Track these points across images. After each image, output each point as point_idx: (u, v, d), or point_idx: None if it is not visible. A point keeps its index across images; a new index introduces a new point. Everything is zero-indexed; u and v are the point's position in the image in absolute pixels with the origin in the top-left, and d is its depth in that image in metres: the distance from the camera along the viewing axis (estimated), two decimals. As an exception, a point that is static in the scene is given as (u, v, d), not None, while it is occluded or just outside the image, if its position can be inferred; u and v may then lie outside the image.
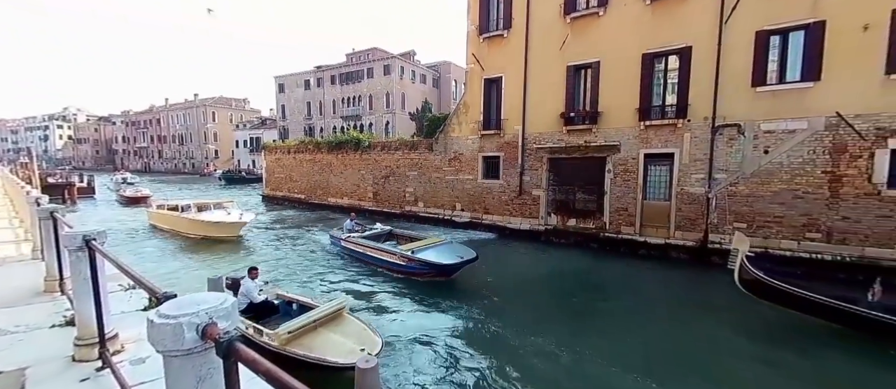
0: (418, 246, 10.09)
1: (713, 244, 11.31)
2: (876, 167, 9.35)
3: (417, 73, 42.74)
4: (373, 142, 20.79)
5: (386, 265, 10.42)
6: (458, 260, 9.31)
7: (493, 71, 15.43)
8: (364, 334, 5.62)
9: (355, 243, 11.46)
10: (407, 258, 9.64)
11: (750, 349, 6.48)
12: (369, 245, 11.05)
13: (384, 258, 10.36)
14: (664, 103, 12.13)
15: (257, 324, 5.83)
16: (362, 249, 11.17)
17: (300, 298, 6.88)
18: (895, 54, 9.04)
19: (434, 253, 9.70)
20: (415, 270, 9.69)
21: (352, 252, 11.67)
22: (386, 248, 10.55)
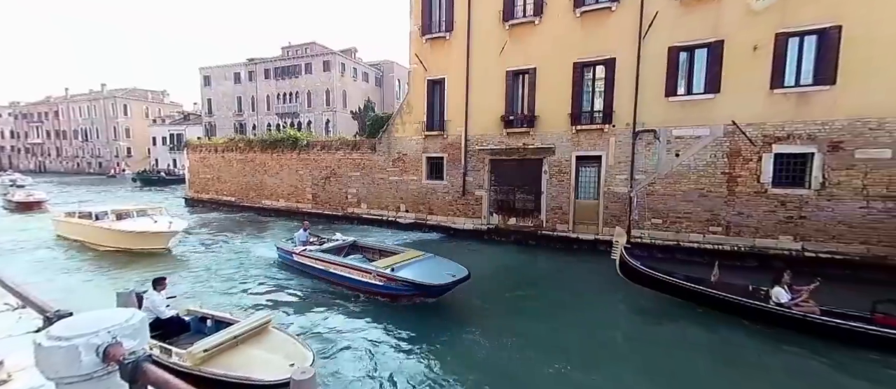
0: (397, 262, 8.58)
1: (635, 238, 12.41)
2: (763, 169, 10.90)
3: (359, 71, 41.71)
4: (312, 141, 19.87)
5: (355, 285, 8.79)
6: (449, 280, 7.80)
7: (437, 72, 15.52)
8: (293, 348, 5.25)
9: (313, 258, 9.82)
10: (386, 277, 8.11)
11: (635, 323, 8.13)
12: (333, 261, 9.44)
13: (353, 276, 8.75)
14: (593, 109, 13.07)
15: (165, 344, 5.18)
16: (324, 265, 9.53)
17: (216, 313, 6.19)
18: (778, 72, 10.61)
19: (418, 270, 8.26)
20: (396, 291, 8.17)
21: (308, 268, 9.96)
22: (357, 265, 8.92)
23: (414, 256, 9.16)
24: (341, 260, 9.55)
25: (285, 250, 10.85)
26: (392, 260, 8.82)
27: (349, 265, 9.09)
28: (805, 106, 10.32)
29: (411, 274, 8.03)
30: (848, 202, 10.05)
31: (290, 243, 11.14)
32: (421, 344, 6.79)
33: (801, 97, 10.36)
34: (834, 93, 10.00)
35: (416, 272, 8.12)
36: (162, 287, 5.98)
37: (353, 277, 8.81)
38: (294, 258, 10.45)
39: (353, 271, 8.85)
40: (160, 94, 62.98)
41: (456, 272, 8.11)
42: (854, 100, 9.82)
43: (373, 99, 37.74)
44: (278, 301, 8.80)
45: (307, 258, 10.00)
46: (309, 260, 9.95)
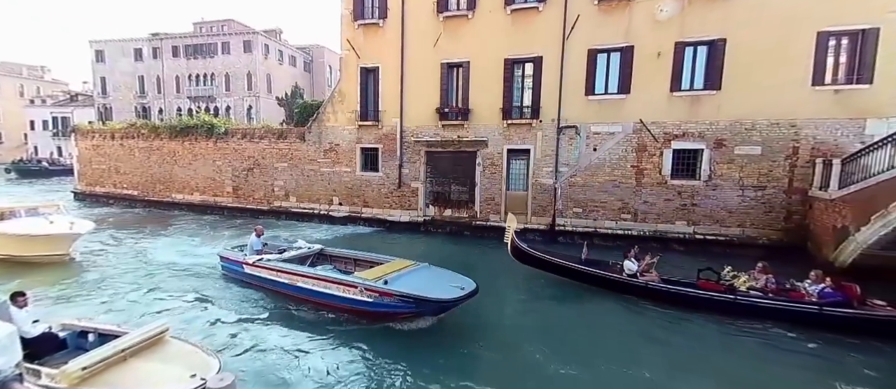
0: (388, 274, 7.15)
1: (559, 226, 13.39)
2: (664, 162, 12.35)
3: (286, 54, 38.87)
4: (231, 129, 18.21)
5: (333, 302, 7.35)
6: (458, 293, 6.54)
7: (370, 60, 15.06)
8: (195, 357, 4.73)
9: (275, 269, 8.18)
10: (378, 291, 6.76)
11: (523, 294, 9.17)
12: (304, 272, 7.91)
13: (332, 292, 7.30)
14: (522, 105, 13.70)
15: (33, 365, 4.41)
16: (289, 278, 7.94)
17: (100, 326, 5.37)
18: (676, 77, 12.01)
19: (416, 282, 6.96)
20: (390, 309, 6.86)
21: (267, 282, 8.36)
22: (339, 278, 7.41)
23: (404, 266, 7.72)
24: (316, 272, 7.91)
25: (232, 259, 9.06)
26: (379, 272, 7.34)
27: (328, 277, 7.50)
28: (697, 108, 11.88)
29: (410, 287, 6.69)
30: (728, 191, 11.84)
31: (237, 251, 9.42)
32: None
33: (694, 100, 11.89)
34: (719, 98, 11.63)
35: (414, 285, 6.80)
36: (21, 302, 5.02)
37: (331, 293, 7.29)
38: (245, 269, 8.68)
39: (332, 285, 7.31)
40: (39, 70, 53.01)
41: (463, 284, 6.80)
42: (734, 105, 11.52)
43: (301, 85, 35.36)
44: (224, 322, 7.22)
45: (266, 269, 8.30)
46: (268, 272, 8.27)
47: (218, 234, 14.33)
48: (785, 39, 10.89)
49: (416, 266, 7.83)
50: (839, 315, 6.63)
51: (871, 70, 10.46)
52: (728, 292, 7.41)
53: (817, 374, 5.75)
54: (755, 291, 7.38)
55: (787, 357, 6.22)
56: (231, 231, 14.93)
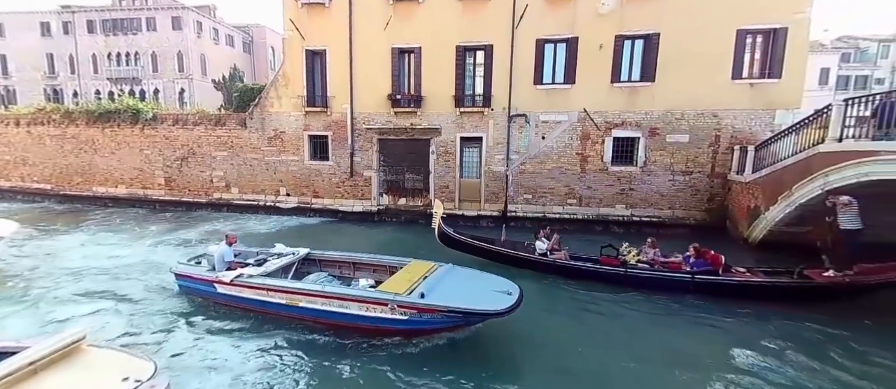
0: (414, 283, 6.09)
1: (511, 212, 13.80)
2: (605, 150, 13.08)
3: (222, 33, 35.86)
4: (161, 114, 16.61)
5: (350, 322, 6.09)
6: (510, 301, 5.62)
7: (316, 42, 14.32)
8: (124, 363, 4.29)
9: (266, 288, 6.61)
10: (416, 308, 5.66)
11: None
12: (311, 291, 6.36)
13: (350, 311, 6.02)
14: (474, 93, 13.79)
15: None
16: (288, 298, 6.42)
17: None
18: (616, 68, 12.66)
19: (453, 290, 5.96)
20: (429, 326, 5.85)
21: (253, 303, 6.75)
22: (365, 296, 6.05)
23: (427, 270, 6.62)
24: (325, 289, 6.37)
25: (197, 278, 7.25)
26: (402, 281, 6.19)
27: (347, 296, 6.13)
28: (634, 98, 12.65)
29: (452, 298, 5.68)
30: (660, 176, 12.82)
31: (197, 265, 7.65)
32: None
33: (632, 91, 12.64)
34: (653, 89, 12.46)
35: (455, 294, 5.81)
36: None
37: (348, 313, 6.03)
38: (217, 290, 6.94)
39: (350, 303, 6.03)
40: None
41: (508, 288, 5.99)
42: (666, 96, 12.40)
43: (241, 67, 33.00)
44: (193, 353, 5.91)
45: (253, 288, 6.66)
46: (255, 292, 6.65)
47: (144, 230, 13.14)
48: (710, 35, 11.85)
49: (437, 268, 6.75)
50: (707, 281, 7.57)
51: (781, 65, 11.72)
52: (621, 266, 8.18)
53: (688, 330, 6.66)
54: (643, 264, 8.22)
55: (666, 318, 7.06)
56: (158, 225, 13.77)
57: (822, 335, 6.35)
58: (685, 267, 7.91)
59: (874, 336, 6.27)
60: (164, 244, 11.55)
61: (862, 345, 6.02)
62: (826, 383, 5.23)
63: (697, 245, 8.13)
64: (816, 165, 8.48)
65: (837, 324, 6.51)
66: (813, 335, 6.37)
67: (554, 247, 9.00)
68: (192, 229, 13.30)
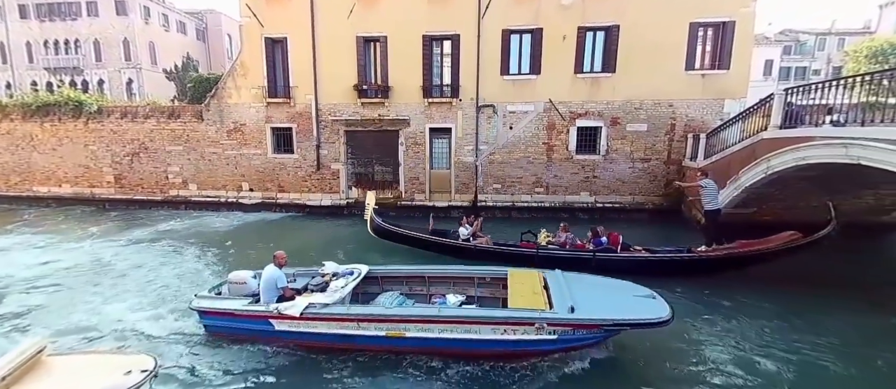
0: (536, 293, 5.52)
1: (481, 202, 13.98)
2: (570, 139, 13.46)
3: (173, 19, 33.50)
4: (107, 107, 15.45)
5: (471, 349, 5.35)
6: (667, 308, 5.13)
7: (276, 30, 13.73)
8: (119, 361, 4.16)
9: (349, 319, 5.41)
10: (571, 325, 5.04)
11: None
12: (437, 317, 5.30)
13: (477, 337, 5.21)
14: (442, 83, 13.74)
15: None
16: (386, 328, 5.34)
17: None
18: (579, 59, 13.00)
19: (596, 300, 5.38)
20: (578, 343, 5.29)
21: (331, 339, 5.55)
22: (510, 317, 5.15)
23: (539, 278, 5.99)
24: (458, 314, 5.39)
25: (242, 314, 5.68)
26: (525, 294, 5.54)
27: (486, 318, 5.22)
28: (596, 89, 13.07)
29: (605, 310, 5.14)
30: (621, 164, 13.38)
31: (226, 299, 5.98)
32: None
33: (594, 81, 13.04)
34: (614, 80, 12.91)
35: (602, 305, 5.27)
36: None
37: (480, 338, 5.21)
38: (274, 327, 5.57)
39: (482, 326, 5.19)
40: None
41: (644, 292, 5.60)
42: (626, 86, 12.89)
43: (195, 56, 31.07)
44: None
45: (336, 321, 5.42)
46: (340, 326, 5.42)
47: (84, 230, 12.29)
48: (665, 28, 12.38)
49: (547, 274, 6.06)
50: (607, 258, 8.13)
51: (729, 57, 12.45)
52: (534, 248, 8.64)
53: None
54: (553, 245, 8.71)
55: None
56: (102, 226, 12.91)
57: (697, 299, 7.22)
58: (589, 247, 8.44)
59: (743, 296, 7.32)
60: (109, 246, 10.79)
61: (733, 303, 7.11)
62: (702, 336, 6.15)
63: (600, 227, 8.73)
64: (760, 151, 9.11)
65: (714, 290, 7.50)
66: (691, 299, 7.18)
67: (477, 233, 9.37)
68: (144, 228, 12.58)
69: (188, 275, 8.69)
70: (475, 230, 9.38)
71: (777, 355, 5.67)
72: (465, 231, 9.27)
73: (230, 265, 9.22)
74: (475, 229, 9.40)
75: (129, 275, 8.70)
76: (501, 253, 8.87)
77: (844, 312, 6.71)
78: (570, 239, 8.76)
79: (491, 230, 10.02)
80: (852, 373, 5.32)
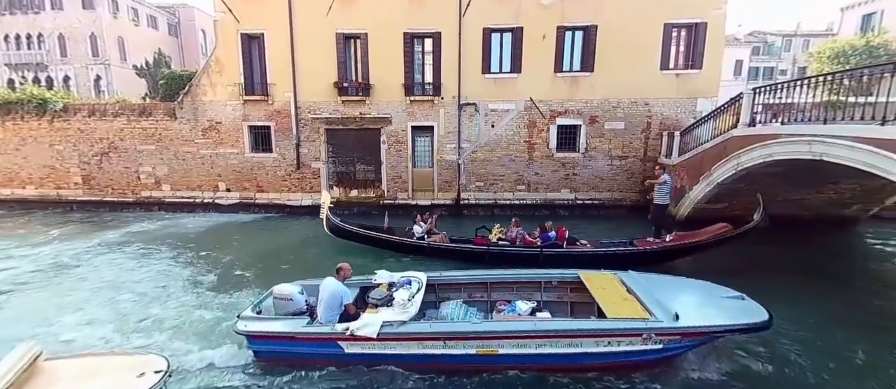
0: (628, 299, 5.30)
1: (464, 200, 14.03)
2: (551, 137, 13.65)
3: (143, 13, 32.24)
4: (73, 105, 14.77)
5: (571, 363, 5.00)
6: (766, 312, 4.90)
7: (253, 25, 13.40)
8: (119, 362, 3.99)
9: (432, 337, 4.93)
10: (679, 334, 4.78)
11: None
12: (538, 331, 4.88)
13: (577, 351, 4.87)
14: (424, 81, 13.71)
15: None
16: (476, 346, 4.88)
17: None
18: (559, 58, 13.18)
19: (693, 306, 5.12)
20: (680, 351, 5.06)
21: (408, 360, 5.03)
22: (615, 328, 4.83)
23: (618, 282, 5.76)
24: (561, 327, 4.99)
25: (303, 337, 5.00)
26: (616, 300, 5.28)
27: (590, 331, 4.90)
28: (575, 88, 13.29)
29: (706, 316, 4.91)
30: (600, 161, 13.66)
31: (282, 317, 5.26)
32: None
33: (574, 80, 13.26)
34: (592, 79, 13.15)
35: (698, 309, 5.05)
36: None
37: (580, 352, 4.88)
38: (345, 350, 5.00)
39: (584, 339, 4.87)
40: None
41: (730, 292, 5.42)
42: (604, 85, 13.15)
43: (166, 52, 29.89)
44: None
45: (416, 340, 4.93)
46: (420, 345, 4.94)
47: (46, 235, 11.72)
48: (641, 28, 12.69)
49: (626, 277, 5.84)
50: (553, 253, 8.40)
51: (702, 57, 12.86)
52: (486, 244, 8.82)
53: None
54: (503, 241, 8.90)
55: None
56: (64, 228, 12.37)
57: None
58: (537, 243, 8.61)
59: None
60: (72, 250, 10.30)
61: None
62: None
63: (549, 223, 8.94)
64: (731, 148, 9.47)
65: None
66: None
67: (432, 230, 9.46)
68: (113, 231, 12.10)
69: (160, 279, 8.40)
70: (430, 227, 9.48)
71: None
72: (419, 228, 9.36)
73: (201, 268, 8.99)
74: (430, 226, 9.49)
75: (88, 279, 8.40)
76: (452, 250, 9.01)
77: (765, 296, 6.56)
78: (520, 234, 8.92)
79: (404, 224, 10.09)
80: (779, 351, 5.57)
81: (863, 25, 23.92)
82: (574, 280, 6.11)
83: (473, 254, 8.76)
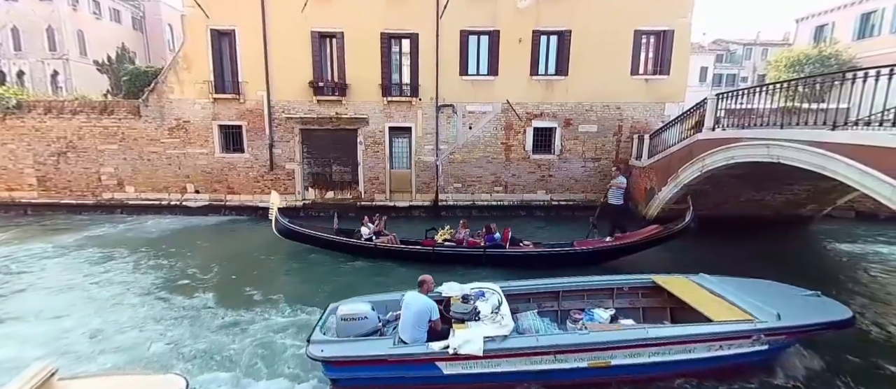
0: (718, 302, 5.21)
1: (442, 201, 14.03)
2: (527, 139, 13.86)
3: (105, 6, 30.60)
4: (28, 101, 13.86)
5: (683, 370, 4.87)
6: (848, 309, 5.13)
7: (223, 21, 12.96)
8: (137, 382, 3.82)
9: (541, 352, 4.59)
10: (784, 333, 4.83)
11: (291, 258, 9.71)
12: (637, 341, 4.66)
13: (690, 357, 4.75)
14: (401, 82, 13.64)
15: None
16: (588, 358, 4.62)
17: None
18: (534, 62, 13.40)
19: (785, 306, 5.02)
20: (780, 350, 5.11)
21: (510, 378, 4.67)
22: (726, 331, 4.71)
23: (697, 284, 5.68)
24: (651, 334, 4.71)
25: (396, 359, 4.52)
26: (709, 303, 5.19)
27: (698, 335, 4.72)
28: (550, 91, 13.55)
29: (802, 314, 4.93)
30: (575, 163, 13.98)
31: (356, 339, 4.73)
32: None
33: (549, 84, 13.51)
34: (567, 82, 13.45)
35: (789, 308, 5.00)
36: None
37: (693, 358, 4.75)
38: (443, 371, 4.58)
39: (696, 345, 4.72)
40: None
41: (805, 292, 5.50)
42: (578, 89, 13.47)
43: (130, 47, 28.35)
44: None
45: (521, 356, 4.59)
46: (525, 362, 4.61)
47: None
48: (612, 34, 13.07)
49: (703, 279, 5.80)
50: (496, 254, 8.61)
51: (669, 63, 13.37)
52: (432, 245, 8.97)
53: None
54: (449, 242, 9.05)
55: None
56: (12, 232, 11.66)
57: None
58: (481, 244, 8.78)
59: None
60: (18, 255, 9.69)
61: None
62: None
63: (494, 224, 9.14)
64: (697, 151, 9.88)
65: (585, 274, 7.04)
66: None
67: (382, 231, 9.62)
68: (68, 235, 11.42)
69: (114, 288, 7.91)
70: (378, 228, 9.61)
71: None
72: (366, 230, 9.47)
73: (155, 275, 8.57)
74: (378, 228, 9.62)
75: (32, 287, 7.95)
76: (401, 250, 9.12)
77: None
78: (466, 235, 9.15)
79: (354, 226, 10.12)
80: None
81: (816, 36, 25.49)
82: (645, 285, 6.04)
83: (419, 255, 8.88)
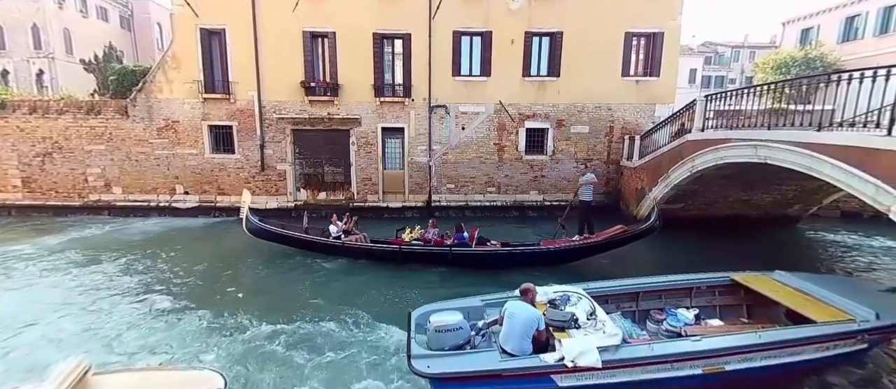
0: (808, 301, 5.22)
1: (435, 202, 14.02)
2: (519, 140, 13.91)
3: (93, 4, 30.05)
4: (12, 101, 13.55)
5: (793, 371, 4.85)
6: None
7: (213, 20, 12.81)
8: (172, 377, 3.91)
9: (663, 361, 4.43)
10: (881, 331, 4.92)
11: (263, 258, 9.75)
12: (755, 344, 4.56)
13: (799, 359, 4.73)
14: (394, 82, 13.60)
15: None
16: (704, 365, 4.49)
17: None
18: (527, 63, 13.46)
19: (862, 299, 5.11)
20: (873, 347, 5.28)
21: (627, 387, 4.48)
22: (844, 330, 4.73)
23: (778, 284, 5.66)
24: (763, 339, 4.60)
25: (511, 374, 4.26)
26: (804, 303, 5.18)
27: (807, 338, 4.68)
28: (543, 92, 13.62)
29: (892, 314, 4.96)
30: (566, 164, 14.06)
31: (455, 353, 4.48)
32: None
33: (541, 85, 13.58)
34: (559, 84, 13.53)
35: (882, 307, 5.00)
36: None
37: (802, 359, 4.73)
38: (558, 383, 4.31)
39: (806, 348, 4.69)
40: None
41: (880, 287, 5.83)
42: (570, 90, 13.56)
43: (118, 46, 27.87)
44: None
45: (640, 366, 4.39)
46: (644, 370, 4.41)
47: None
48: (604, 36, 13.19)
49: (780, 277, 5.81)
50: (462, 253, 8.66)
51: (659, 65, 13.52)
52: (400, 244, 9.04)
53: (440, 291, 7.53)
54: (417, 241, 9.12)
55: (423, 284, 7.99)
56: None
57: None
58: (447, 243, 8.82)
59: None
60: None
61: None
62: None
63: (462, 224, 9.22)
64: (686, 151, 10.01)
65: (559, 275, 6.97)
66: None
67: (351, 230, 9.69)
68: (52, 237, 11.19)
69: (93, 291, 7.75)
70: (348, 228, 9.69)
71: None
72: (334, 228, 9.51)
73: (143, 278, 8.45)
74: (349, 227, 9.72)
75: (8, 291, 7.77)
76: (368, 249, 9.20)
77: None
78: (435, 234, 9.20)
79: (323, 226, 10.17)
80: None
81: (802, 39, 25.96)
82: (722, 283, 5.99)
83: (386, 253, 8.97)
